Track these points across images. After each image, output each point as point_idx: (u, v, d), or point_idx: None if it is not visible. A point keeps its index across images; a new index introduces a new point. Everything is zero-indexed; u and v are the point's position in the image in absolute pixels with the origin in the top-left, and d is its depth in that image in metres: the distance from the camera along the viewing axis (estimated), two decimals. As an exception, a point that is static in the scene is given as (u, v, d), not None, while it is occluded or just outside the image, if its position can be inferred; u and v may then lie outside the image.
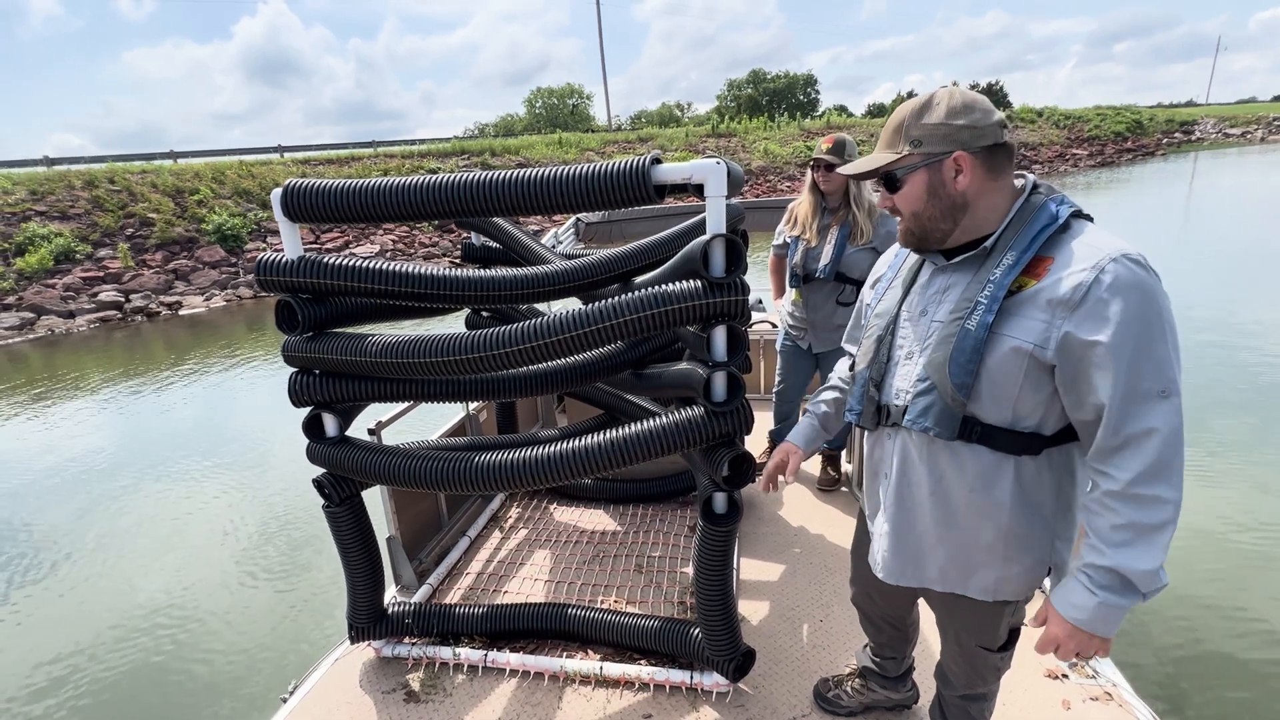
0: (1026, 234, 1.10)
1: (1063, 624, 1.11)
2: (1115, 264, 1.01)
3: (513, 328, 1.63)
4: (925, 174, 1.15)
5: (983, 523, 1.20)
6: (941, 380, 1.15)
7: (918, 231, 1.21)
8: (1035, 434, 1.14)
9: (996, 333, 1.10)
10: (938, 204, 1.15)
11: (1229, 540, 3.71)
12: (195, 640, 3.47)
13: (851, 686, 1.86)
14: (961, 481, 1.20)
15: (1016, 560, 1.21)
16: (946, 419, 1.16)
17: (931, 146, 1.13)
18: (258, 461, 5.70)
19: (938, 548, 1.27)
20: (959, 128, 1.11)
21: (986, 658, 1.38)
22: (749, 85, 50.55)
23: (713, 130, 27.76)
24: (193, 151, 18.40)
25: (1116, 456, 1.04)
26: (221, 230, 14.57)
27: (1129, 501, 1.03)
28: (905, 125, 1.15)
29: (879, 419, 1.30)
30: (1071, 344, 1.04)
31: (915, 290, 1.27)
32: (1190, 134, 39.06)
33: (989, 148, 1.12)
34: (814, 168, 2.71)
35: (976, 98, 1.14)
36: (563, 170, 1.51)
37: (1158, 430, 1.00)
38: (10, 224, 13.14)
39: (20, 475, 5.72)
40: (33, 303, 11.83)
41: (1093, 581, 1.07)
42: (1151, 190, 20.29)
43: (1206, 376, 5.90)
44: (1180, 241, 12.33)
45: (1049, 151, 30.08)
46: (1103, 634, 1.08)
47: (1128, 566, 1.03)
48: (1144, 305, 1.00)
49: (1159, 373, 1.00)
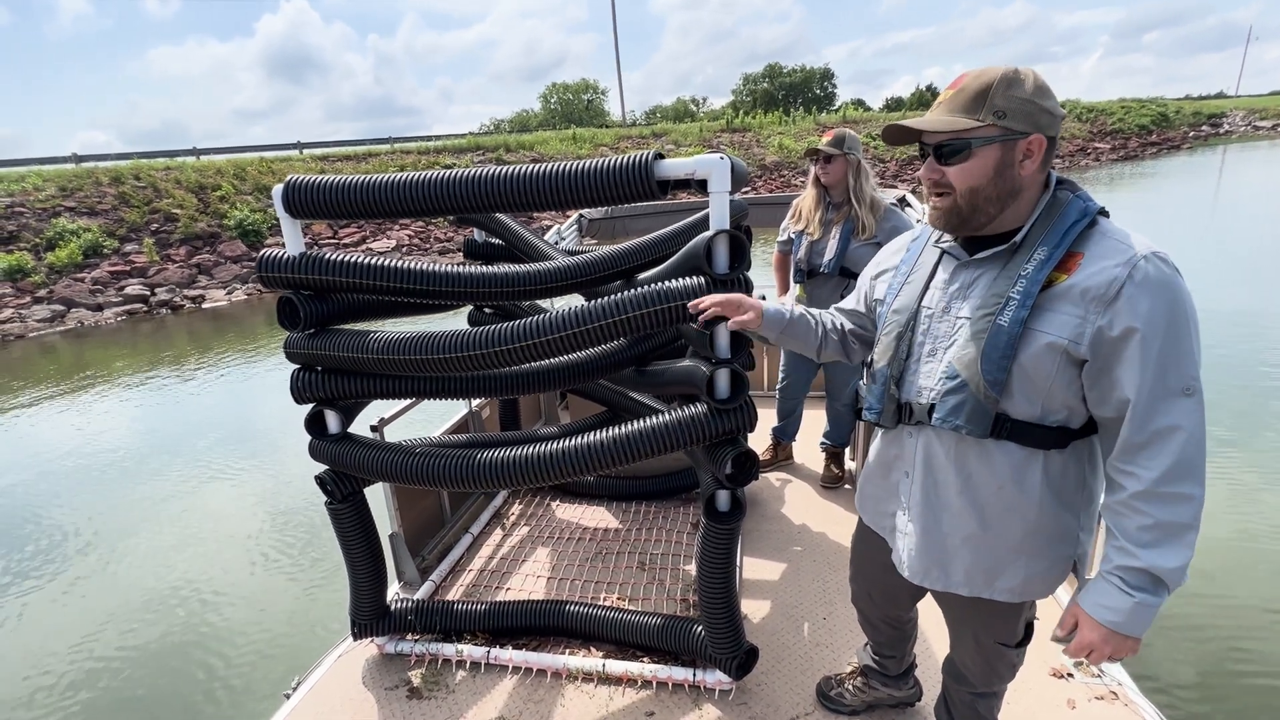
0: (1058, 229, 1.08)
1: (1096, 628, 1.09)
2: (1147, 262, 1.01)
3: (515, 324, 1.63)
4: (999, 149, 1.08)
5: (1011, 519, 1.18)
6: (974, 377, 1.12)
7: (965, 210, 1.13)
8: (1063, 428, 1.13)
9: (1030, 328, 1.08)
10: (999, 184, 1.10)
11: (1238, 538, 3.66)
12: (207, 632, 3.52)
13: (854, 685, 1.85)
14: (991, 479, 1.18)
15: (1043, 555, 1.20)
16: (979, 416, 1.14)
17: (1015, 122, 1.06)
18: (278, 454, 5.77)
19: (963, 549, 1.25)
20: (1043, 109, 1.07)
21: (1004, 654, 1.37)
22: (765, 79, 50.17)
23: (727, 125, 27.61)
24: (215, 148, 18.75)
25: (1142, 454, 1.03)
26: (243, 226, 14.86)
27: (1156, 501, 1.02)
28: (991, 93, 1.06)
29: (899, 417, 1.28)
30: (1103, 339, 1.03)
31: (935, 286, 1.24)
32: (1218, 127, 38.07)
33: (1053, 139, 1.10)
34: (813, 160, 2.68)
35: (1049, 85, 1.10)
36: (565, 166, 1.51)
37: (1182, 427, 1.00)
38: (41, 219, 13.48)
39: (50, 462, 5.85)
40: (63, 296, 12.14)
41: (1126, 584, 1.06)
42: (1176, 185, 19.82)
43: (1233, 374, 5.79)
44: (1206, 238, 12.04)
45: (1070, 145, 29.53)
46: (1138, 634, 1.08)
47: (1159, 566, 1.03)
48: (1173, 304, 1.00)
49: (1183, 370, 1.01)
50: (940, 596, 1.38)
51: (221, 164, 16.99)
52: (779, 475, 3.34)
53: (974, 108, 1.08)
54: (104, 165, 16.04)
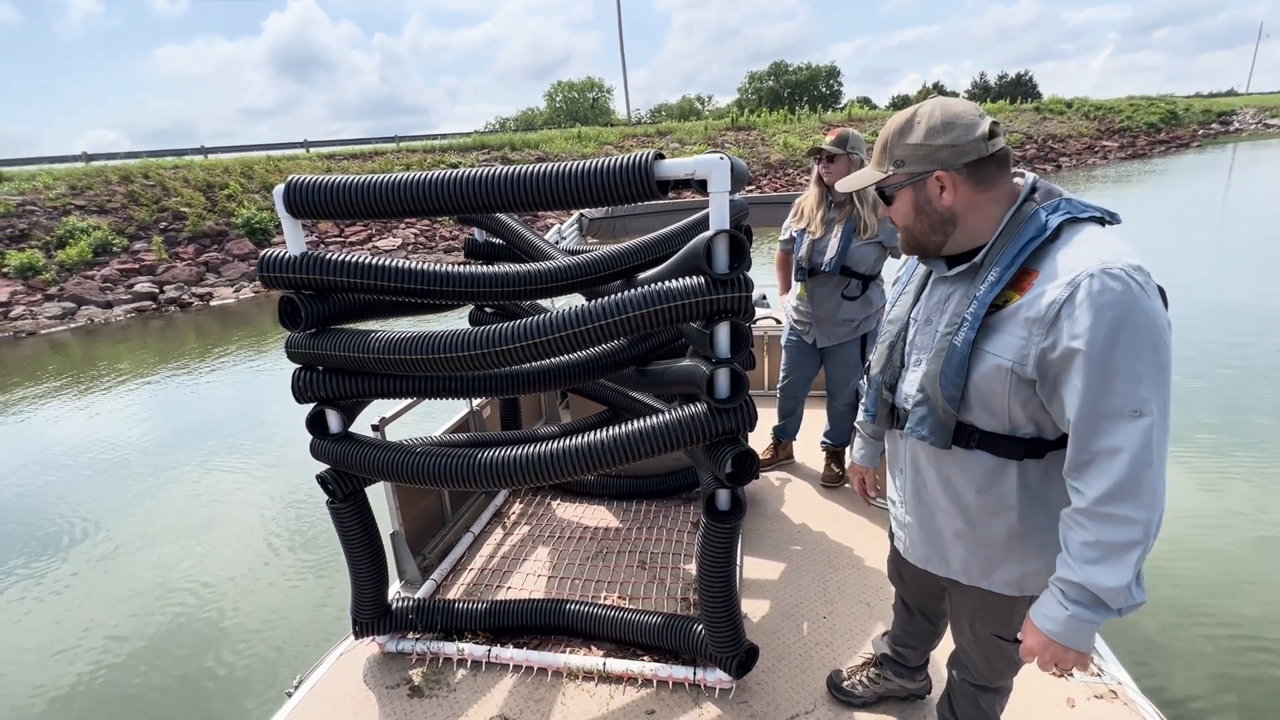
0: (1012, 249, 1.10)
1: (1038, 635, 1.12)
2: (1091, 279, 0.99)
3: (515, 324, 1.63)
4: (910, 192, 1.18)
5: (995, 522, 1.21)
6: (934, 392, 1.19)
7: (911, 243, 1.26)
8: (1037, 439, 1.14)
9: (980, 349, 1.12)
10: (926, 219, 1.19)
11: (1240, 539, 3.65)
12: (211, 630, 3.55)
13: (867, 676, 1.87)
14: (969, 484, 1.22)
15: (1037, 556, 1.21)
16: (940, 429, 1.20)
17: (913, 166, 1.16)
18: (285, 451, 5.80)
19: (956, 543, 1.29)
20: (938, 148, 1.13)
21: (1002, 649, 1.38)
22: (770, 78, 49.97)
23: (732, 123, 27.53)
24: (222, 147, 18.84)
25: (1084, 473, 1.04)
26: (250, 224, 14.96)
27: (1096, 520, 1.03)
28: (889, 145, 1.18)
29: (892, 420, 1.34)
30: (1046, 361, 1.05)
31: (923, 298, 1.30)
32: (1228, 125, 37.67)
33: (974, 163, 1.12)
34: (816, 159, 2.69)
35: (960, 113, 1.13)
36: (565, 166, 1.51)
37: (1124, 450, 0.99)
38: (52, 218, 13.61)
39: (58, 458, 5.90)
40: (73, 293, 12.26)
41: (1065, 596, 1.07)
42: (1185, 184, 19.64)
43: (1245, 374, 5.76)
44: (1218, 237, 11.93)
45: (1077, 144, 29.24)
46: (1076, 647, 1.08)
47: (1095, 583, 1.03)
48: (1118, 323, 0.97)
49: (1131, 391, 0.98)
50: (946, 582, 1.40)
51: (229, 163, 17.09)
52: (779, 474, 3.34)
53: (882, 160, 1.21)
54: (113, 164, 16.16)
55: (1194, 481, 4.23)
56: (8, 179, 14.71)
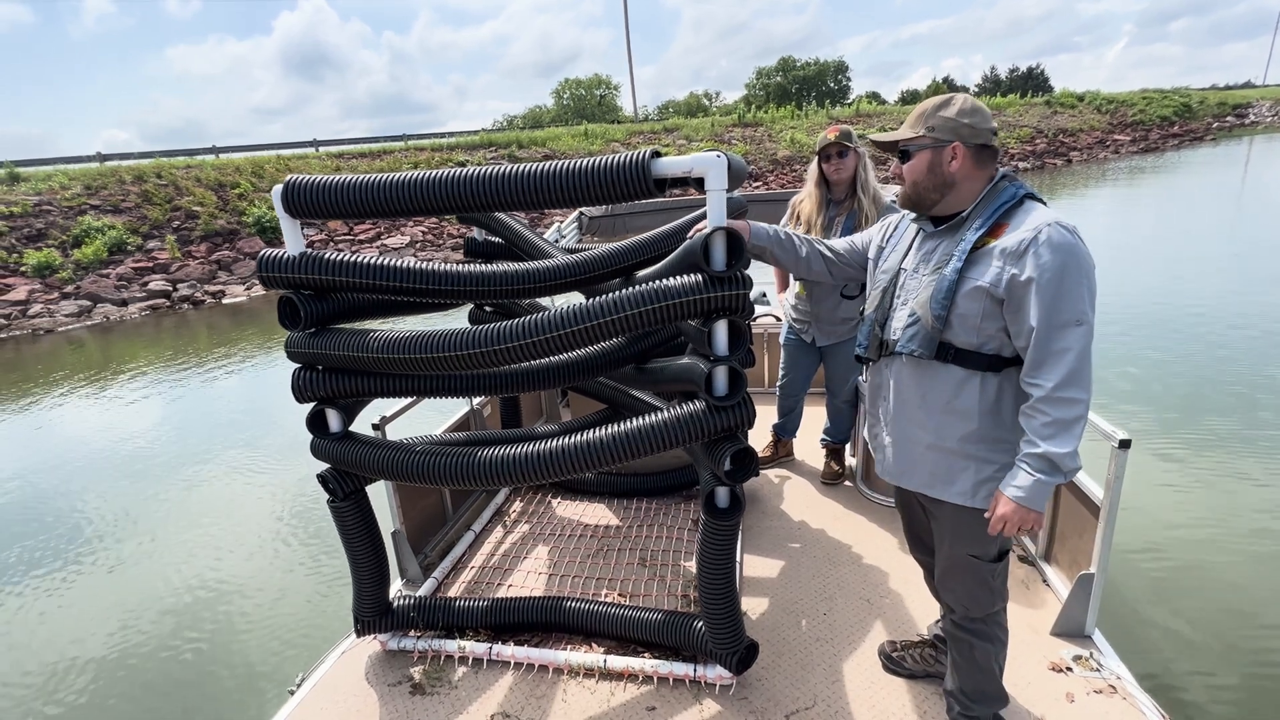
0: (990, 206, 1.46)
1: (1008, 503, 1.42)
2: (1050, 228, 1.35)
3: (514, 323, 1.64)
4: (930, 153, 1.48)
5: (959, 425, 1.50)
6: (925, 313, 1.48)
7: (913, 196, 1.53)
8: (996, 355, 1.46)
9: (964, 276, 1.43)
10: (933, 178, 1.49)
11: (1239, 535, 3.64)
12: (214, 628, 3.58)
13: (919, 654, 2.01)
14: (941, 395, 1.51)
15: (990, 461, 1.50)
16: (928, 342, 1.48)
17: (940, 134, 1.46)
18: (293, 448, 5.83)
19: (927, 455, 1.57)
20: (963, 125, 1.45)
21: (978, 568, 1.59)
22: (778, 73, 49.71)
23: (739, 120, 27.38)
24: (233, 146, 19.01)
25: (1043, 368, 1.36)
26: (261, 222, 15.11)
27: (1053, 403, 1.35)
28: (927, 113, 1.49)
29: (881, 351, 1.62)
30: (1015, 284, 1.37)
31: (912, 251, 1.60)
32: (1244, 117, 36.93)
33: (980, 146, 1.46)
34: (824, 158, 2.66)
35: (982, 108, 1.48)
36: (563, 165, 1.51)
37: (1072, 349, 1.33)
38: (68, 217, 13.81)
39: (71, 454, 5.99)
40: (89, 291, 12.43)
41: (1030, 466, 1.39)
42: (1199, 179, 19.35)
43: (1252, 369, 5.72)
44: (1231, 231, 11.76)
45: (1088, 138, 28.76)
46: (1037, 508, 1.40)
47: (1054, 452, 1.35)
48: (1066, 258, 1.34)
49: (1074, 306, 1.33)
50: (923, 501, 1.65)
51: (240, 162, 17.24)
52: (779, 472, 3.34)
53: (917, 124, 1.51)
54: (127, 164, 16.37)
55: (1194, 480, 4.20)
56: (25, 179, 14.93)
